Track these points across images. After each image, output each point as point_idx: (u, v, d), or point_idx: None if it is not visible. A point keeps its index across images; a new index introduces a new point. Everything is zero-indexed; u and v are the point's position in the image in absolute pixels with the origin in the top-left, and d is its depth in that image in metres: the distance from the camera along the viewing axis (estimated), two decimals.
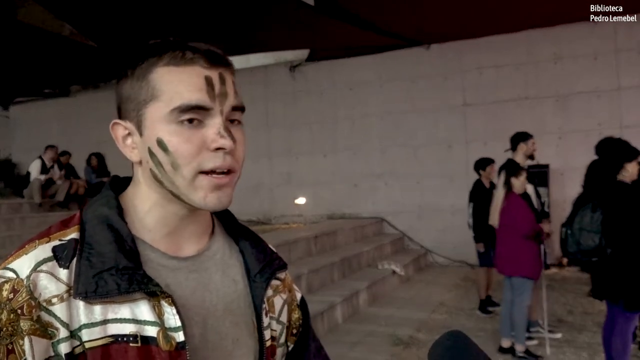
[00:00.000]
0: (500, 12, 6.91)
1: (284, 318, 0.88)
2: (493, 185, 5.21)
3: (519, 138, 4.65)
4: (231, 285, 0.80)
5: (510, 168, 4.36)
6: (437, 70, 8.60)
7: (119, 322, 0.67)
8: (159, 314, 0.68)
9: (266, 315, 0.82)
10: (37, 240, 0.70)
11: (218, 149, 0.70)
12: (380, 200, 9.04)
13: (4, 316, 0.63)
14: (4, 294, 0.64)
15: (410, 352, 4.42)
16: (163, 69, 0.71)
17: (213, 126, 0.71)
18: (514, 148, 4.67)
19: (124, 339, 0.66)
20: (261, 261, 0.83)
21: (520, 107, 8.11)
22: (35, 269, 0.66)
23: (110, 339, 0.66)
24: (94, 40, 7.98)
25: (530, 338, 4.54)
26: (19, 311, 0.63)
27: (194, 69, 0.71)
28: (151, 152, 0.72)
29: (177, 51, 0.72)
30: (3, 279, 0.66)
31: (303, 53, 9.36)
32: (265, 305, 0.82)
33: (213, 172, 0.71)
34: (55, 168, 8.38)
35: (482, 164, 5.74)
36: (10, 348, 0.62)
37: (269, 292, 0.84)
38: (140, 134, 0.73)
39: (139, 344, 0.66)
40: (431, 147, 8.69)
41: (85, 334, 0.65)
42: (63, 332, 0.65)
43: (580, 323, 5.11)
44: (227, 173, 0.72)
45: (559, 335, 4.69)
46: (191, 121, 0.70)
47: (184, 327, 0.69)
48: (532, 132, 4.76)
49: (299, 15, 6.88)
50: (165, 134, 0.70)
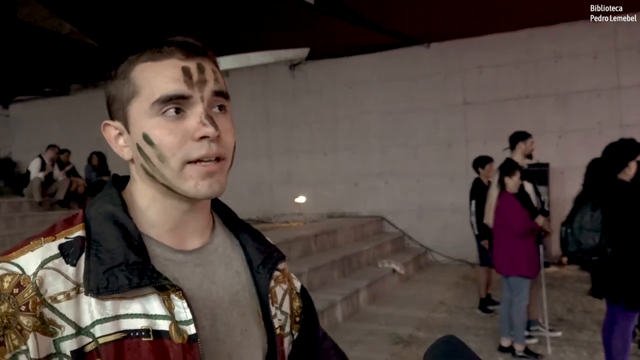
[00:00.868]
0: (500, 10, 6.91)
1: (286, 308, 0.89)
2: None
3: (518, 137, 4.65)
4: (235, 278, 0.81)
5: (504, 167, 4.36)
6: (437, 69, 8.59)
7: (130, 318, 0.67)
8: (170, 308, 0.69)
9: (272, 305, 0.84)
10: (42, 238, 0.70)
11: (202, 137, 0.71)
12: (380, 199, 9.04)
13: (3, 307, 0.63)
14: (5, 285, 0.64)
15: (410, 351, 4.42)
16: (142, 65, 0.73)
17: (195, 115, 0.71)
18: (512, 147, 4.67)
19: (137, 334, 0.67)
20: (262, 252, 0.85)
21: (521, 106, 8.10)
22: (43, 266, 0.66)
23: (123, 334, 0.66)
24: (94, 39, 7.99)
25: (530, 337, 4.54)
26: (23, 307, 0.63)
27: (171, 61, 0.72)
28: (139, 148, 0.73)
29: (154, 47, 0.73)
30: (4, 271, 0.65)
31: (303, 52, 9.34)
32: (270, 296, 0.84)
33: (200, 160, 0.71)
34: (56, 167, 8.39)
35: (481, 162, 5.74)
36: (1, 340, 0.62)
37: (272, 283, 0.85)
38: (128, 131, 0.75)
39: (152, 338, 0.67)
40: (431, 146, 8.68)
41: (99, 330, 0.65)
42: (68, 330, 0.65)
43: (581, 322, 5.11)
44: (216, 160, 0.72)
45: (559, 334, 4.70)
46: (178, 111, 0.71)
47: (195, 320, 0.70)
48: (532, 131, 4.76)
49: (299, 14, 6.88)
50: (149, 128, 0.71)
